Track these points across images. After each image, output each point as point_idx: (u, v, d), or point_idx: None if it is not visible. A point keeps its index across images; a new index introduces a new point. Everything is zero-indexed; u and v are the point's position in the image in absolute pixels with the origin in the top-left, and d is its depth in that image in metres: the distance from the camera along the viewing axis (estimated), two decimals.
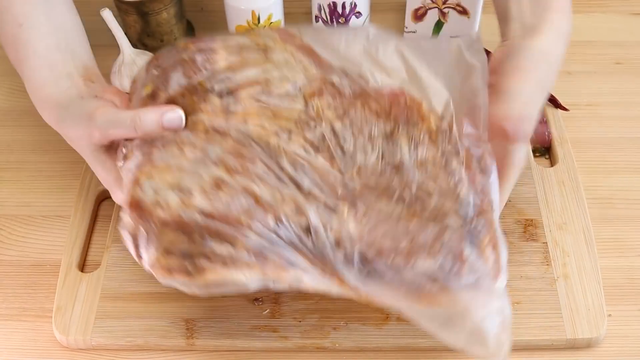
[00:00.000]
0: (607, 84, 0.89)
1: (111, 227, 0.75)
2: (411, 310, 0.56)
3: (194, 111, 0.59)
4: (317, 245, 0.55)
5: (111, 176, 0.64)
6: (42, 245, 0.75)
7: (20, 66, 0.69)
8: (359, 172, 0.58)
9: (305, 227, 0.55)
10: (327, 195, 0.57)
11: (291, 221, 0.55)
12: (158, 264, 0.54)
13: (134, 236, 0.55)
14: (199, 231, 0.54)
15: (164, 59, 0.64)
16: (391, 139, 0.59)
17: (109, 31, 0.83)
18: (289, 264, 0.55)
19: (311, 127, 0.59)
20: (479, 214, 0.57)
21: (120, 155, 0.62)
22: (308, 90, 0.60)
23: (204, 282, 0.55)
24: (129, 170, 0.59)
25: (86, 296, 0.69)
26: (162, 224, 0.54)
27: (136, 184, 0.56)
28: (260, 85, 0.60)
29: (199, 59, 0.62)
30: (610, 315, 0.68)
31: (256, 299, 0.68)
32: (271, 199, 0.55)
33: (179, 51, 0.63)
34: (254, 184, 0.55)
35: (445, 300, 0.55)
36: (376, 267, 0.55)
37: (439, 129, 0.60)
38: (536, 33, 0.65)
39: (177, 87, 0.61)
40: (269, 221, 0.55)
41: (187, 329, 0.67)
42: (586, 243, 0.72)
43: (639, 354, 0.66)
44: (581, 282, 0.69)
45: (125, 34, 0.86)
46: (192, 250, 0.54)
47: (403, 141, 0.59)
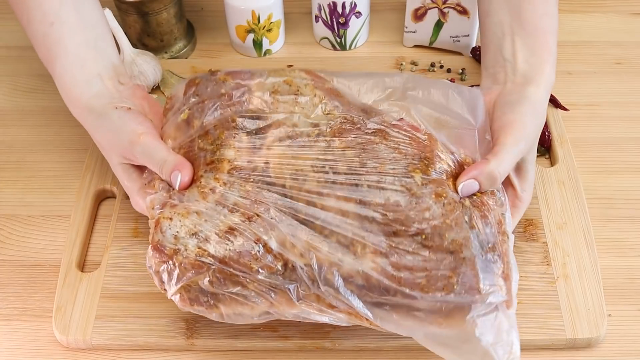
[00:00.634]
0: (607, 84, 0.89)
1: (111, 226, 0.75)
2: (422, 336, 0.58)
3: (222, 144, 0.63)
4: (325, 282, 0.58)
5: (136, 186, 0.67)
6: (42, 245, 0.75)
7: (50, 64, 0.70)
8: (375, 208, 0.60)
9: (314, 268, 0.58)
10: (340, 232, 0.59)
11: (299, 264, 0.58)
12: (179, 296, 0.60)
13: (156, 272, 0.60)
14: (214, 274, 0.59)
15: (203, 87, 0.68)
16: (408, 174, 0.61)
17: None
18: (298, 298, 0.59)
19: (328, 167, 0.62)
20: (494, 247, 0.59)
21: (147, 172, 0.66)
22: (329, 132, 0.64)
23: (219, 313, 0.60)
24: (153, 204, 0.63)
25: (86, 296, 0.69)
26: (181, 266, 0.59)
27: (158, 227, 0.60)
28: (287, 128, 0.64)
29: (235, 94, 0.66)
30: (610, 315, 0.68)
31: None
32: (281, 246, 0.59)
33: (218, 83, 0.67)
34: (265, 234, 0.59)
35: (458, 325, 0.57)
36: (392, 299, 0.58)
37: (453, 168, 0.63)
38: (532, 84, 0.68)
39: (211, 118, 0.65)
40: (278, 266, 0.59)
41: (187, 328, 0.67)
42: (586, 243, 0.72)
43: (639, 354, 0.67)
44: (581, 282, 0.69)
45: (125, 33, 0.86)
46: (208, 288, 0.59)
47: (419, 177, 0.61)
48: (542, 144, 0.80)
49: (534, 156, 0.67)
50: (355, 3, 0.88)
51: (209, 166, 0.63)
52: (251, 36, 0.90)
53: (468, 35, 0.89)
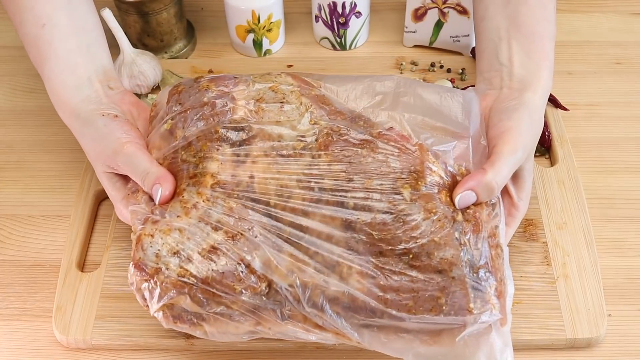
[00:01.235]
0: (607, 84, 0.89)
1: (111, 226, 0.75)
2: (411, 356, 0.57)
3: (205, 157, 0.62)
4: (310, 304, 0.57)
5: (119, 195, 0.66)
6: (42, 245, 0.75)
7: (40, 66, 0.70)
8: (361, 227, 0.58)
9: (298, 289, 0.57)
10: (325, 253, 0.58)
11: (284, 285, 0.58)
12: (162, 314, 0.59)
13: (138, 289, 0.59)
14: (196, 294, 0.58)
15: (186, 95, 0.66)
16: (396, 190, 0.60)
17: (108, 31, 0.83)
18: (283, 318, 0.58)
19: (313, 183, 0.60)
20: (486, 263, 0.58)
21: (132, 182, 0.65)
22: (315, 145, 0.62)
23: (203, 331, 0.59)
24: (135, 216, 0.61)
25: (86, 296, 0.69)
26: (163, 285, 0.58)
27: (139, 244, 0.59)
28: (271, 139, 0.62)
29: (218, 103, 0.64)
30: (610, 315, 0.68)
31: None
32: (264, 267, 0.58)
33: (200, 91, 0.66)
34: (248, 254, 0.58)
35: (448, 345, 0.56)
36: (379, 321, 0.57)
37: (445, 179, 0.62)
38: (529, 89, 0.67)
39: (194, 129, 0.63)
40: (262, 287, 0.58)
41: None
42: (586, 243, 0.72)
43: (639, 354, 0.67)
44: (581, 282, 0.69)
45: (125, 33, 0.86)
46: (191, 308, 0.58)
47: (408, 193, 0.60)
48: (542, 144, 0.80)
49: (531, 164, 0.66)
50: (355, 3, 0.88)
51: (192, 179, 0.61)
52: (251, 36, 0.90)
53: (468, 35, 0.89)
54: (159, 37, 0.91)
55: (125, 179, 0.66)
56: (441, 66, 0.89)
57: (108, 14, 0.82)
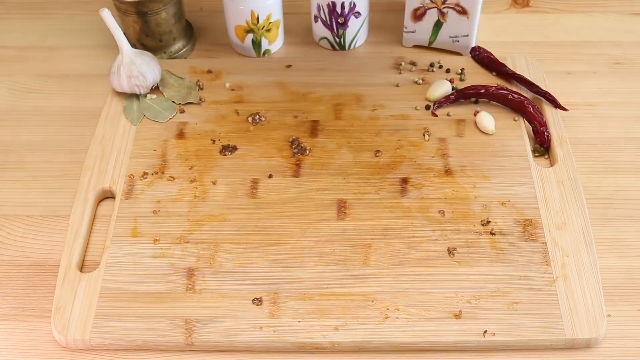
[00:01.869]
0: (606, 84, 0.89)
1: (110, 227, 0.75)
2: None
3: None
4: None
5: None
6: (41, 245, 0.75)
7: None
8: None
9: None
10: None
11: None
12: None
13: None
14: None
15: None
16: None
17: (107, 31, 0.83)
18: None
19: None
20: None
21: None
22: None
23: None
24: None
25: (85, 296, 0.69)
26: None
27: None
28: None
29: None
30: (609, 316, 0.68)
31: (255, 299, 0.69)
32: None
33: None
34: None
35: None
36: None
37: None
38: None
39: None
40: None
41: (186, 329, 0.67)
42: (585, 243, 0.72)
43: (639, 354, 0.67)
44: (580, 282, 0.69)
45: (124, 33, 0.86)
46: None
47: None
48: (542, 144, 0.80)
49: None
50: (354, 3, 0.88)
51: None
52: (250, 36, 0.90)
53: (467, 35, 0.89)
54: (158, 37, 0.91)
55: None
56: (440, 66, 0.89)
57: (107, 14, 0.82)
